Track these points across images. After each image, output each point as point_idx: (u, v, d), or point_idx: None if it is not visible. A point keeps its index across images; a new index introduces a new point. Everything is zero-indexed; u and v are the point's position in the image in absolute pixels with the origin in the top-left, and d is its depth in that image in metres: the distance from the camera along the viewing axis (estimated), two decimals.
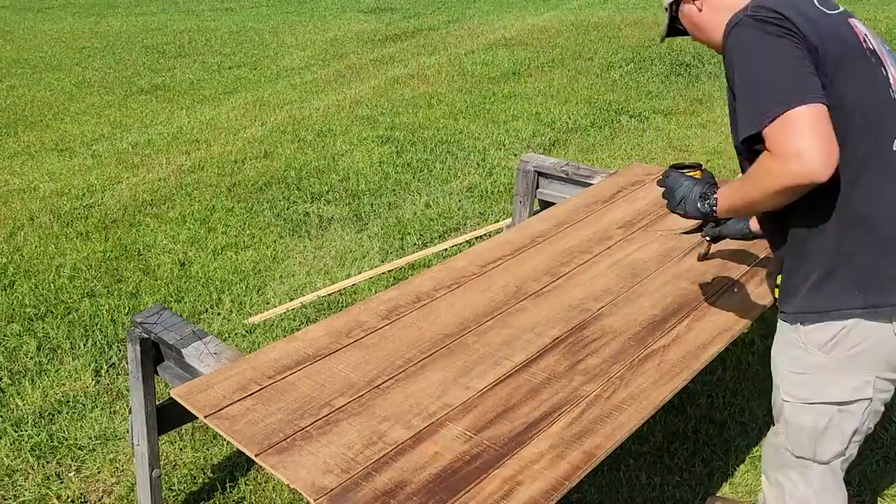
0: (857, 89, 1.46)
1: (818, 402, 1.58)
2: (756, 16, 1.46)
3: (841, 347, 1.52)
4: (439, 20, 11.64)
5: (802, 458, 1.66)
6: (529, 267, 2.39)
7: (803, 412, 1.62)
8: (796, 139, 1.35)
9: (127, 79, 8.73)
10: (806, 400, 1.60)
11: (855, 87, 1.46)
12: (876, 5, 10.58)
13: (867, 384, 1.54)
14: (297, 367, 1.89)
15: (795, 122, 1.35)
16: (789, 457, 1.70)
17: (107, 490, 2.55)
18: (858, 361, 1.52)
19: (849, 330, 1.50)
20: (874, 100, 1.48)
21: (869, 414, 1.58)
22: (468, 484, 1.50)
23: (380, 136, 6.07)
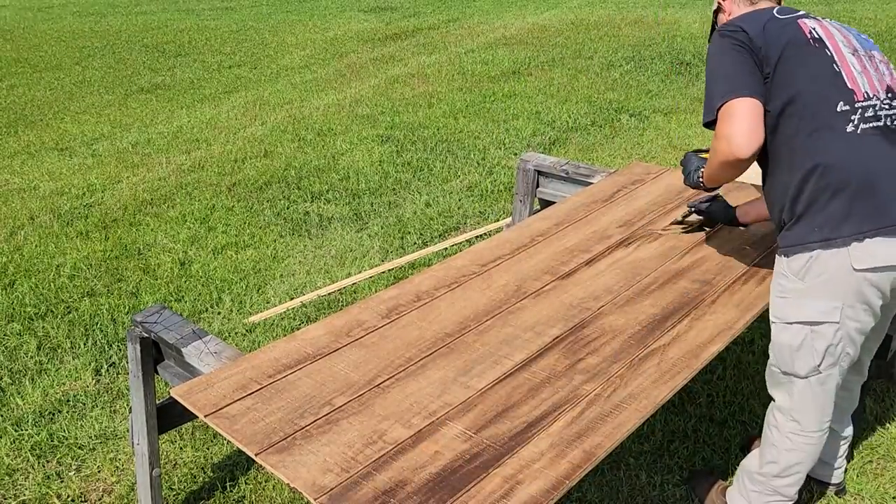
0: (801, 69, 1.84)
1: (794, 322, 1.88)
2: (723, 31, 1.94)
3: (811, 274, 1.83)
4: (439, 19, 11.63)
5: (786, 373, 1.96)
6: (529, 266, 2.39)
7: (783, 330, 1.92)
8: (727, 125, 1.80)
9: (127, 78, 8.73)
10: (785, 319, 1.91)
11: (799, 67, 1.84)
12: (876, 4, 10.58)
13: (835, 309, 1.83)
14: (297, 367, 1.89)
15: (730, 112, 1.80)
16: (778, 374, 1.99)
17: (107, 489, 2.55)
18: (826, 288, 1.82)
19: (814, 260, 1.81)
20: (816, 74, 1.84)
21: (841, 338, 1.86)
22: (468, 483, 1.50)
23: (380, 136, 6.07)
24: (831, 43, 1.90)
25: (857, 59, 1.89)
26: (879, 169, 1.79)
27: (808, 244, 1.82)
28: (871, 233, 1.76)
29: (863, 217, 1.77)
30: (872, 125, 1.81)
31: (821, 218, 1.80)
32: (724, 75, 1.86)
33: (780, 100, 1.83)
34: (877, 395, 2.84)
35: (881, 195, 1.77)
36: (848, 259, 1.78)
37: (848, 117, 1.81)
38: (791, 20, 1.93)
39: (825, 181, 1.79)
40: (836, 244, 1.78)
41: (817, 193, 1.80)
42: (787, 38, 1.87)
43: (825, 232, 1.79)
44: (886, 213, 1.77)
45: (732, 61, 1.86)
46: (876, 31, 8.69)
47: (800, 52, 1.86)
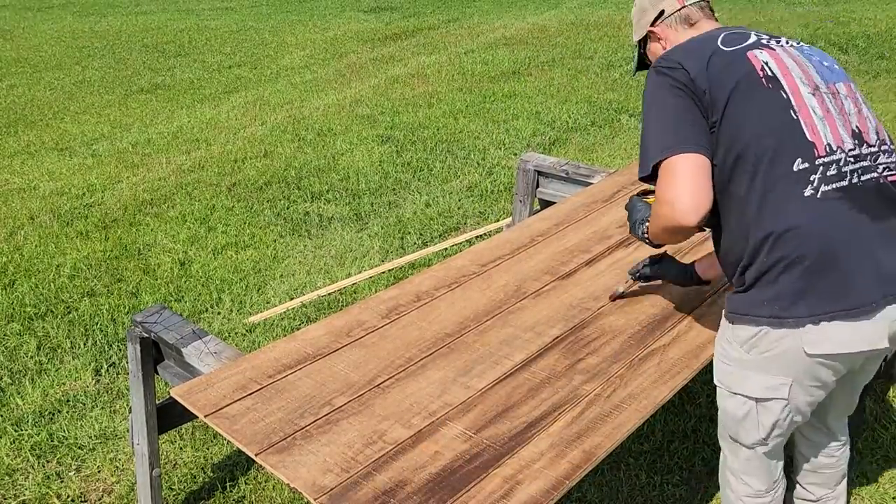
0: (752, 117, 1.57)
1: (738, 393, 1.69)
2: (659, 66, 1.66)
3: (757, 349, 1.61)
4: (439, 19, 11.63)
5: (731, 439, 1.80)
6: (529, 266, 2.39)
7: (727, 398, 1.74)
8: (670, 188, 1.55)
9: (127, 78, 8.73)
10: (729, 388, 1.72)
11: (750, 115, 1.57)
12: (876, 4, 10.58)
13: (783, 386, 1.62)
14: (297, 367, 1.89)
15: (671, 172, 1.55)
16: (726, 435, 1.83)
17: (107, 489, 2.55)
18: (773, 364, 1.61)
19: (762, 335, 1.59)
20: (770, 124, 1.57)
21: (790, 412, 1.67)
22: (468, 483, 1.50)
23: (380, 136, 6.07)
24: (788, 82, 1.61)
25: (818, 101, 1.60)
26: (840, 241, 1.53)
27: (757, 317, 1.58)
28: (829, 316, 1.52)
29: (820, 297, 1.52)
30: (834, 186, 1.54)
31: (771, 292, 1.56)
32: (663, 124, 1.60)
33: (729, 153, 1.57)
34: (877, 395, 2.84)
35: (841, 272, 1.52)
36: (800, 343, 1.55)
37: (807, 178, 1.54)
38: (739, 52, 1.63)
39: (778, 253, 1.54)
40: (787, 324, 1.55)
41: (768, 266, 1.55)
42: (735, 77, 1.59)
43: (775, 309, 1.55)
44: (846, 293, 1.52)
45: (671, 107, 1.60)
46: (876, 32, 8.70)
47: (751, 95, 1.58)
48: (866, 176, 1.58)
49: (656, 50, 1.87)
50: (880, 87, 6.73)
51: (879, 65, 7.42)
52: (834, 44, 8.12)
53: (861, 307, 1.52)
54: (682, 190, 1.53)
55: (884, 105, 6.22)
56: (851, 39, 8.34)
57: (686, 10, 1.82)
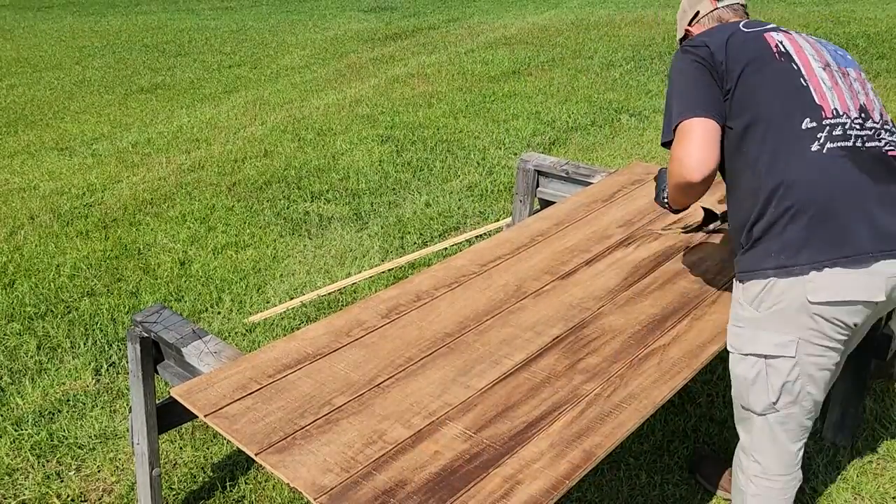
0: (765, 84, 1.73)
1: (749, 354, 1.76)
2: (685, 46, 1.86)
3: (766, 304, 1.69)
4: (439, 19, 11.63)
5: (744, 408, 1.84)
6: (529, 266, 2.39)
7: (738, 362, 1.80)
8: (680, 147, 1.72)
9: (127, 78, 8.73)
10: (739, 350, 1.79)
11: (763, 82, 1.73)
12: (876, 4, 10.58)
13: (790, 343, 1.68)
14: (297, 366, 1.89)
15: (684, 133, 1.72)
16: (739, 408, 1.87)
17: (107, 489, 2.55)
18: (781, 319, 1.68)
19: (770, 288, 1.68)
20: (781, 89, 1.72)
21: (799, 375, 1.71)
22: (468, 483, 1.50)
23: (380, 135, 6.07)
24: (800, 57, 1.77)
25: (827, 75, 1.75)
26: (843, 193, 1.63)
27: (764, 270, 1.68)
28: (830, 262, 1.61)
29: (822, 244, 1.61)
30: (840, 145, 1.66)
31: (778, 243, 1.66)
32: (681, 93, 1.78)
33: (743, 118, 1.72)
34: (877, 395, 2.84)
35: (840, 222, 1.62)
36: (804, 290, 1.63)
37: (814, 135, 1.67)
38: (757, 33, 1.82)
39: (785, 203, 1.64)
40: (793, 272, 1.63)
41: (776, 216, 1.66)
42: (750, 52, 1.76)
43: (782, 259, 1.65)
44: (844, 241, 1.61)
45: (691, 79, 1.78)
46: (876, 32, 8.70)
47: (764, 66, 1.74)
48: (870, 143, 1.69)
49: None
50: (880, 88, 6.73)
51: (879, 65, 7.42)
52: (834, 44, 8.12)
53: (857, 256, 1.60)
54: (691, 148, 1.69)
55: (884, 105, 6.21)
56: (851, 39, 8.34)
57: (718, 12, 2.00)
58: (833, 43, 1.88)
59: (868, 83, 1.83)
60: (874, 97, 1.79)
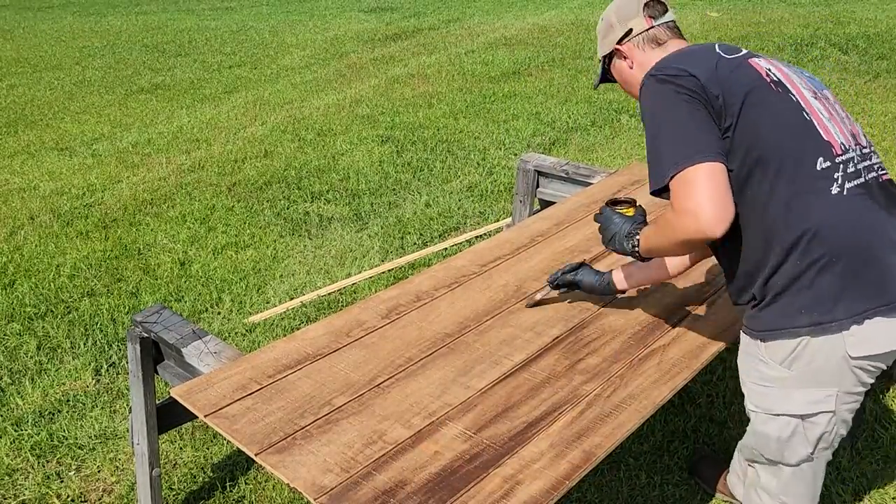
0: (769, 120, 1.54)
1: (782, 414, 1.65)
2: (658, 75, 1.59)
3: (799, 363, 1.57)
4: (439, 19, 11.63)
5: (772, 461, 1.75)
6: (529, 266, 2.39)
7: (768, 421, 1.68)
8: (690, 198, 1.47)
9: (127, 78, 8.73)
10: (770, 411, 1.67)
11: (766, 118, 1.54)
12: (876, 4, 10.58)
13: (829, 398, 1.59)
14: (297, 367, 1.89)
15: (691, 181, 1.47)
16: (760, 457, 1.78)
17: (107, 489, 2.55)
18: (818, 376, 1.57)
19: (803, 347, 1.55)
20: (788, 125, 1.55)
21: (836, 423, 1.63)
22: (468, 483, 1.50)
23: (380, 136, 6.07)
24: (793, 87, 1.61)
25: (821, 105, 1.62)
26: (871, 237, 1.52)
27: (794, 329, 1.54)
28: (871, 312, 1.50)
29: (858, 295, 1.50)
30: (856, 183, 1.55)
31: (807, 298, 1.52)
32: (674, 134, 1.54)
33: (746, 159, 1.53)
34: (877, 395, 2.84)
35: (879, 266, 1.51)
36: (844, 345, 1.52)
37: (831, 176, 1.53)
38: (742, 59, 1.63)
39: (813, 255, 1.50)
40: (830, 330, 1.51)
41: (803, 268, 1.51)
42: (744, 82, 1.57)
43: (815, 315, 1.51)
44: (884, 288, 1.51)
45: (683, 115, 1.53)
46: (876, 32, 8.70)
47: (763, 99, 1.56)
48: (870, 174, 1.60)
49: (622, 68, 1.84)
50: (880, 88, 6.73)
51: (879, 65, 7.42)
52: (834, 44, 8.12)
53: None
54: (705, 199, 1.46)
55: (884, 105, 6.22)
56: (851, 39, 8.34)
57: (654, 31, 1.79)
58: (830, 43, 1.73)
59: (840, 105, 1.71)
60: (850, 119, 1.69)
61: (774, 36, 8.80)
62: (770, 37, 8.77)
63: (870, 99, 6.37)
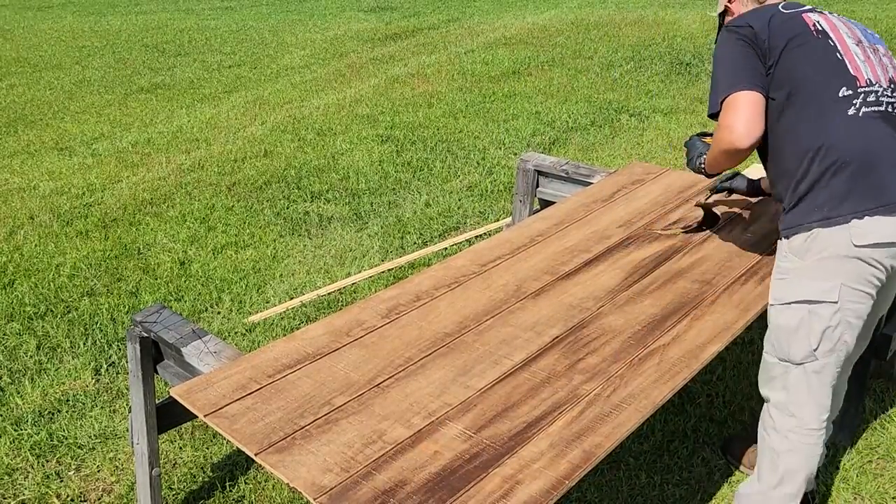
0: (804, 58, 1.91)
1: (793, 301, 1.89)
2: (729, 27, 2.02)
3: (811, 253, 1.86)
4: (439, 19, 11.63)
5: (782, 360, 1.95)
6: (529, 266, 2.39)
7: (781, 312, 1.93)
8: (728, 117, 1.89)
9: (127, 78, 8.72)
10: (783, 300, 1.92)
11: (802, 57, 1.91)
12: (876, 4, 10.58)
13: (833, 288, 1.84)
14: (296, 366, 1.89)
15: (732, 105, 1.89)
16: (773, 365, 1.99)
17: (106, 489, 2.55)
18: (826, 267, 1.84)
19: (813, 238, 1.85)
20: (821, 62, 1.90)
21: (840, 321, 1.86)
22: (468, 483, 1.50)
23: (380, 135, 6.07)
24: (835, 34, 1.96)
25: (860, 49, 1.95)
26: (879, 149, 1.84)
27: (808, 223, 1.86)
28: (872, 210, 1.80)
29: (863, 195, 1.81)
30: (874, 109, 1.87)
31: (822, 197, 1.84)
32: (728, 69, 1.93)
33: (784, 89, 1.89)
34: (877, 395, 2.84)
35: (881, 174, 1.82)
36: (848, 236, 1.81)
37: (850, 101, 1.87)
38: (796, 14, 1.99)
39: (827, 161, 1.83)
40: (836, 222, 1.82)
41: (820, 174, 1.84)
42: (790, 30, 1.93)
43: (825, 211, 1.83)
44: (883, 192, 1.81)
45: (737, 55, 1.93)
46: (876, 32, 8.70)
47: (803, 43, 1.92)
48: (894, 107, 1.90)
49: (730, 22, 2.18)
50: None
51: None
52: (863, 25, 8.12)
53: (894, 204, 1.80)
54: (740, 118, 1.86)
55: None
56: None
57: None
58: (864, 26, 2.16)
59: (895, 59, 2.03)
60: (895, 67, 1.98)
61: None
62: None
63: None
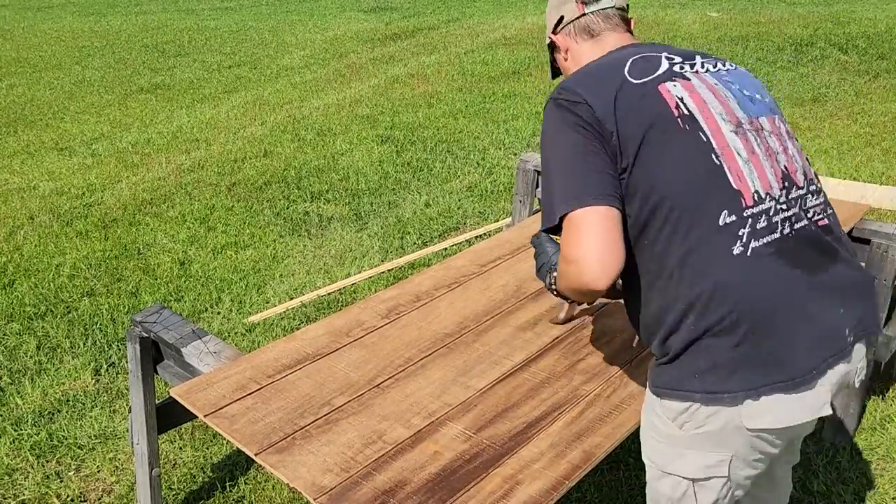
0: (669, 163, 1.38)
1: (672, 474, 1.48)
2: (558, 99, 1.44)
3: (690, 425, 1.41)
4: (439, 19, 11.64)
5: None
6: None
7: (661, 478, 1.52)
8: (575, 246, 1.35)
9: (127, 78, 8.72)
10: (662, 468, 1.50)
11: (666, 161, 1.38)
12: (876, 5, 10.58)
13: (722, 463, 1.42)
14: (296, 367, 1.89)
15: (577, 227, 1.35)
16: None
17: (106, 489, 2.55)
18: (710, 441, 1.41)
19: (693, 411, 1.39)
20: (690, 171, 1.37)
21: (731, 488, 1.47)
22: (468, 483, 1.50)
23: (379, 136, 6.07)
24: (706, 119, 1.41)
25: (741, 141, 1.41)
26: (775, 304, 1.35)
27: (688, 392, 1.38)
28: (767, 389, 1.34)
29: (756, 368, 1.34)
30: (765, 241, 1.37)
31: (703, 362, 1.36)
32: (565, 170, 1.39)
33: (643, 206, 1.37)
34: (877, 396, 2.84)
35: (778, 339, 1.35)
36: (738, 416, 1.36)
37: (734, 232, 1.35)
38: (650, 86, 1.42)
39: (710, 318, 1.34)
40: (723, 400, 1.35)
41: (699, 332, 1.36)
42: (646, 117, 1.38)
43: (707, 383, 1.36)
44: (784, 363, 1.35)
45: (576, 150, 1.38)
46: (876, 32, 8.70)
47: (667, 139, 1.38)
48: (798, 224, 1.43)
49: (560, 60, 1.67)
50: (880, 88, 6.73)
51: (879, 65, 7.42)
52: (834, 44, 8.13)
53: (801, 377, 1.35)
54: (590, 249, 1.33)
55: (884, 105, 6.22)
56: (851, 39, 8.34)
57: (586, 20, 1.59)
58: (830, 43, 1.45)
59: (785, 129, 1.50)
60: (794, 150, 1.48)
61: (774, 36, 8.80)
62: (770, 37, 8.77)
63: (870, 99, 6.37)
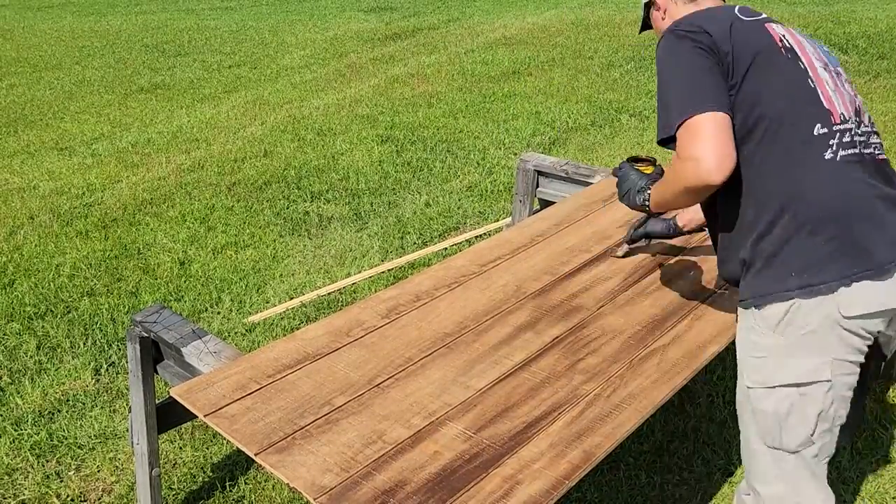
0: (773, 82, 1.58)
1: (778, 385, 1.59)
2: (676, 30, 1.63)
3: (792, 327, 1.55)
4: (439, 19, 11.63)
5: (773, 448, 1.64)
6: (529, 266, 2.39)
7: (765, 397, 1.62)
8: (693, 146, 1.50)
9: (127, 78, 8.72)
10: (766, 384, 1.61)
11: (771, 80, 1.58)
12: (876, 4, 10.58)
13: (824, 365, 1.55)
14: (296, 366, 1.89)
15: (695, 130, 1.51)
16: (760, 454, 1.67)
17: (106, 489, 2.55)
18: (812, 342, 1.54)
19: (794, 310, 1.54)
20: (791, 89, 1.59)
21: (833, 399, 1.57)
22: (468, 483, 1.50)
23: (380, 135, 6.07)
24: (803, 55, 1.64)
25: (829, 75, 1.65)
26: (861, 201, 1.55)
27: (785, 292, 1.54)
28: (859, 275, 1.51)
29: (846, 259, 1.52)
30: (850, 152, 1.57)
31: (798, 260, 1.53)
32: (684, 85, 1.58)
33: (748, 117, 1.57)
34: (877, 395, 2.84)
35: (865, 232, 1.53)
36: (835, 306, 1.51)
37: (826, 142, 1.56)
38: (758, 23, 1.67)
39: (802, 217, 1.53)
40: (820, 291, 1.51)
41: (792, 231, 1.53)
42: (756, 44, 1.60)
43: (805, 277, 1.52)
44: (869, 254, 1.52)
45: (694, 67, 1.57)
46: (876, 32, 8.69)
47: (772, 62, 1.60)
48: (867, 150, 1.62)
49: (656, 17, 1.88)
50: (880, 88, 6.73)
51: (879, 65, 7.42)
52: (834, 44, 8.12)
53: (881, 267, 1.52)
54: (708, 148, 1.49)
55: (884, 105, 6.22)
56: (851, 39, 8.34)
57: None
58: (830, 43, 1.80)
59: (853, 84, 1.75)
60: (860, 99, 1.72)
61: None
62: None
63: (870, 99, 6.37)
